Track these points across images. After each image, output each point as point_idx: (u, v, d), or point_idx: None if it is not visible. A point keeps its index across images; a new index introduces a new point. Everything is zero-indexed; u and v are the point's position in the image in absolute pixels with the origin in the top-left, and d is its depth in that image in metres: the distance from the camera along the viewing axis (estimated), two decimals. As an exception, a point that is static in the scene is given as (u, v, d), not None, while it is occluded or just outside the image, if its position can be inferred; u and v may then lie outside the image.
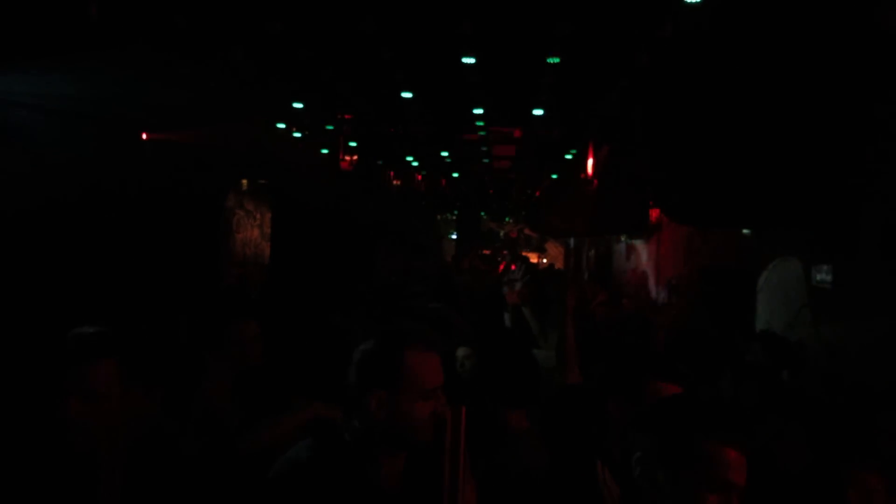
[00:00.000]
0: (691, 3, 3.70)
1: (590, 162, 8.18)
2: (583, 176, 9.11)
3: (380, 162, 12.57)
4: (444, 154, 9.95)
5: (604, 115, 6.68)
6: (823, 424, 3.14)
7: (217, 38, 4.95)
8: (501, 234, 29.70)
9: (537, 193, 14.78)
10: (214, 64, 5.32)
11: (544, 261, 24.28)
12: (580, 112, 6.82)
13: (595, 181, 8.68)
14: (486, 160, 11.61)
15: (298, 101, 7.13)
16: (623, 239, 11.19)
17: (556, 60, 4.97)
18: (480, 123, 7.86)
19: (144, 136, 8.02)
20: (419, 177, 14.56)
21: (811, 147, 4.54)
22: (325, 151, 10.46)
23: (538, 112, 6.62)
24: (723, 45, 4.34)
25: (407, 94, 6.23)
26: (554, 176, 11.27)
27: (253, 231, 12.08)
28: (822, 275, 4.82)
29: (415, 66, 5.59)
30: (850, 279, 4.51)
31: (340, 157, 11.70)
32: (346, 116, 8.18)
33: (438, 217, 24.87)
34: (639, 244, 9.92)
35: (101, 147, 7.40)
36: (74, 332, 2.08)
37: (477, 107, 6.78)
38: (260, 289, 9.06)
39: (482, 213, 25.33)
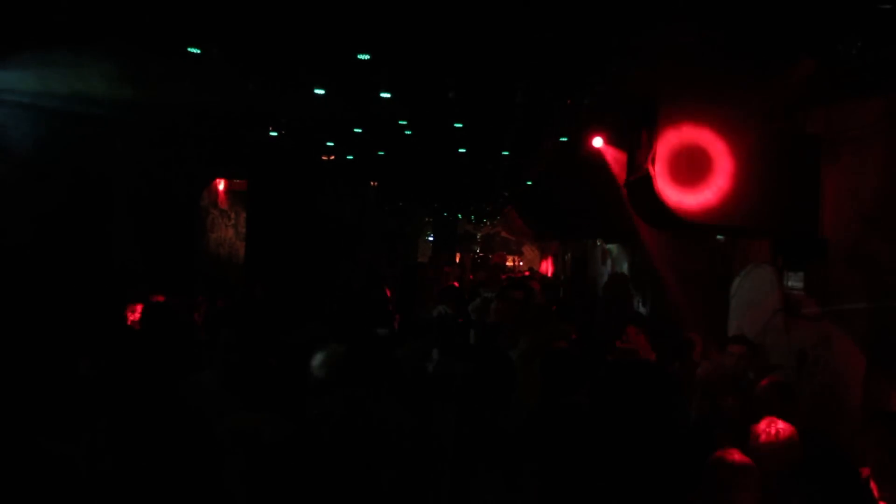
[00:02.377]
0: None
1: (567, 163, 8.23)
2: (560, 178, 9.16)
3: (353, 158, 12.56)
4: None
5: (579, 117, 6.73)
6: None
7: (192, 35, 4.91)
8: (479, 235, 29.80)
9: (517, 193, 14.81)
10: (189, 61, 5.27)
11: (521, 264, 24.40)
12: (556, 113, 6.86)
13: (573, 183, 8.74)
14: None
15: (273, 101, 7.10)
16: (598, 243, 11.27)
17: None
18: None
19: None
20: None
21: (779, 158, 4.64)
22: (302, 150, 10.42)
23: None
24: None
25: (385, 95, 6.23)
26: (529, 182, 11.32)
27: (227, 231, 12.00)
28: (794, 281, 4.90)
29: (395, 72, 5.60)
30: (821, 286, 4.59)
31: (318, 155, 11.65)
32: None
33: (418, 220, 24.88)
34: (613, 249, 9.99)
35: (71, 146, 7.32)
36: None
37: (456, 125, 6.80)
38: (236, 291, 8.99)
39: (459, 216, 25.34)
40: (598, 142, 7.06)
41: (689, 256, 7.01)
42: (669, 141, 4.91)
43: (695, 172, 4.77)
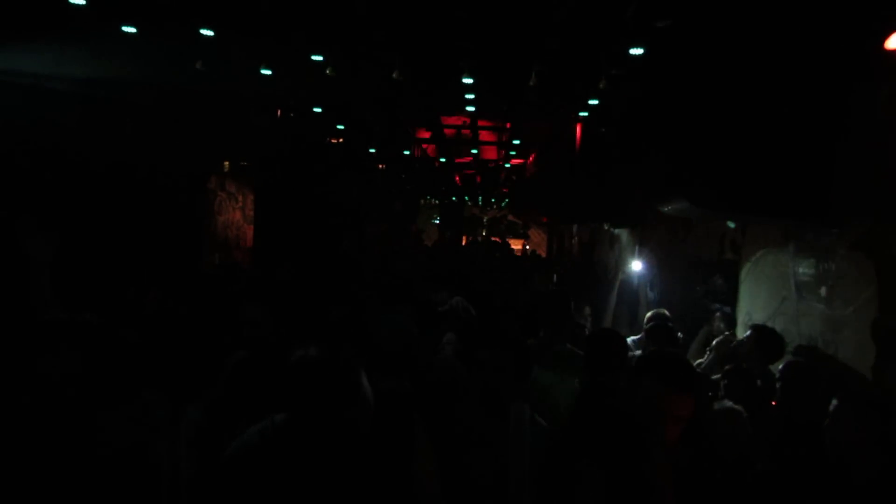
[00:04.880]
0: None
1: (576, 146, 8.22)
2: (569, 161, 9.15)
3: (370, 149, 12.55)
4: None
5: (593, 99, 6.71)
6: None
7: (204, 16, 4.92)
8: (485, 219, 29.78)
9: (524, 177, 14.78)
10: (201, 43, 5.28)
11: (527, 248, 24.40)
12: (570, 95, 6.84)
13: (581, 166, 8.72)
14: (473, 150, 11.62)
15: (283, 81, 7.09)
16: (607, 227, 11.24)
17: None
18: (470, 109, 7.83)
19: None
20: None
21: (793, 139, 4.61)
22: (311, 133, 10.43)
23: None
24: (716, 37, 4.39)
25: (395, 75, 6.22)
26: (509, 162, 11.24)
27: (235, 213, 12.02)
28: (805, 267, 4.90)
29: (406, 47, 5.58)
30: (832, 272, 4.59)
31: (328, 139, 11.67)
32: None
33: (422, 202, 24.86)
34: (623, 234, 9.97)
35: (82, 126, 7.34)
36: (45, 318, 2.12)
37: (467, 87, 6.72)
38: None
39: (466, 199, 25.32)
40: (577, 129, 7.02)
41: (697, 242, 7.01)
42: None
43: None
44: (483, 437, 2.61)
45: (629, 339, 5.18)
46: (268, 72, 6.14)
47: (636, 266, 8.76)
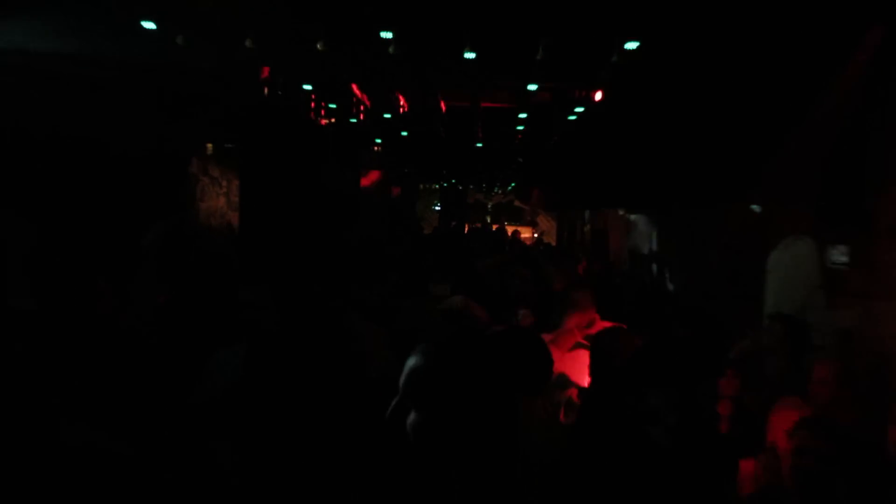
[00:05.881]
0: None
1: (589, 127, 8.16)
2: (582, 143, 9.09)
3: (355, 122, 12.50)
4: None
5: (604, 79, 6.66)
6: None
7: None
8: (489, 206, 29.73)
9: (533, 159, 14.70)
10: (179, 17, 5.23)
11: (535, 235, 24.36)
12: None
13: (594, 148, 8.68)
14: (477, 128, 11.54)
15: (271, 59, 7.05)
16: (622, 213, 11.21)
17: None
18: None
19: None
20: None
21: (823, 116, 4.58)
22: (300, 113, 10.36)
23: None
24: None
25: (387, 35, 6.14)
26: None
27: (219, 200, 11.97)
28: (837, 255, 4.87)
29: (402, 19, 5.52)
30: (867, 260, 4.55)
31: (317, 119, 11.60)
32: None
33: (421, 186, 24.82)
34: (640, 220, 9.94)
35: (60, 108, 7.31)
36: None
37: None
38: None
39: (469, 184, 25.25)
40: (598, 96, 6.98)
41: (721, 228, 6.98)
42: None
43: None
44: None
45: None
46: (253, 46, 6.09)
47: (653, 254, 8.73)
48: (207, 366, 3.39)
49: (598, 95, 7.08)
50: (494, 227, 21.08)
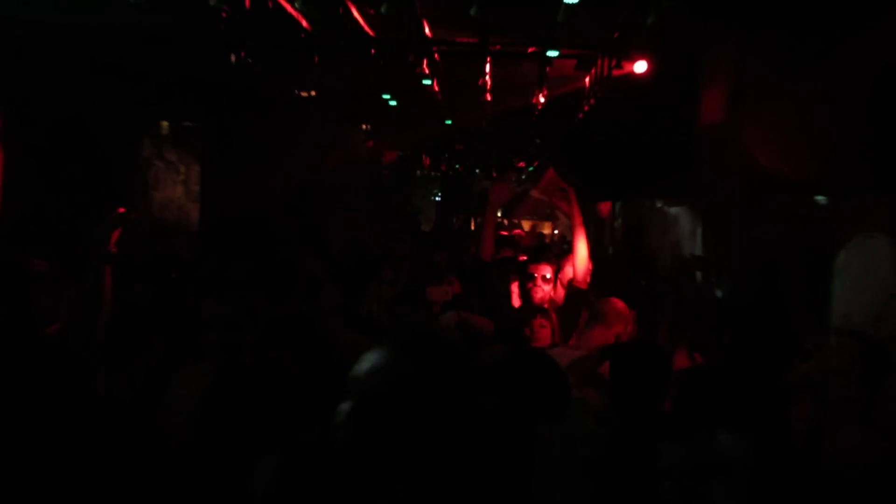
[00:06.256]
0: None
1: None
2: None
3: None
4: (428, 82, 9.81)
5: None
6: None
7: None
8: (501, 196, 29.62)
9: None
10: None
11: (556, 232, 24.31)
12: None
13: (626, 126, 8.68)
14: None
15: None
16: (660, 205, 11.17)
17: None
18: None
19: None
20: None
21: None
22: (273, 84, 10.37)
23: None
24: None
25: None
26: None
27: (175, 189, 11.98)
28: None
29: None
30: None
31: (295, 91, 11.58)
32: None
33: (418, 173, 24.80)
34: (680, 213, 9.91)
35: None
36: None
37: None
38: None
39: (476, 170, 25.22)
40: (641, 66, 6.94)
41: (779, 224, 6.97)
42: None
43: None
44: None
45: None
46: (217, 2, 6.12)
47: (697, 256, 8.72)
48: (166, 391, 3.46)
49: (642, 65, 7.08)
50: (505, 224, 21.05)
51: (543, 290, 6.53)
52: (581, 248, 6.49)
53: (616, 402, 3.58)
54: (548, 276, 6.63)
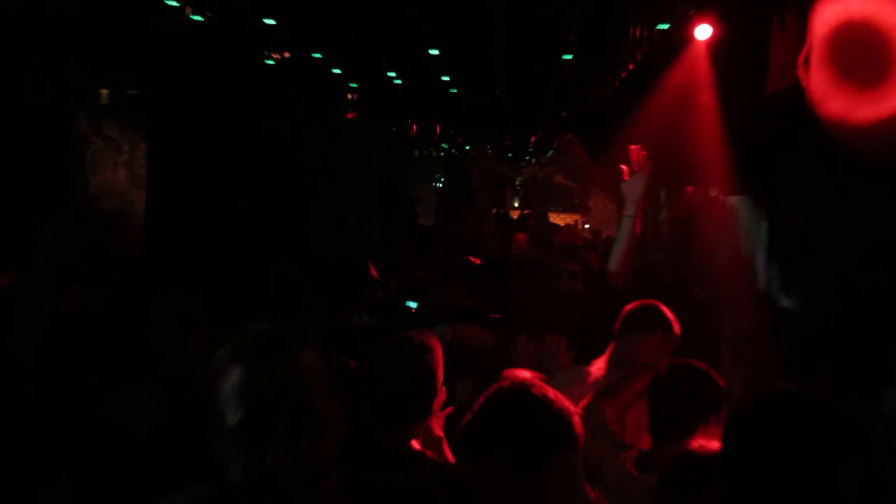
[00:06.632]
0: None
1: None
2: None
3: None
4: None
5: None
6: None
7: None
8: (518, 181, 29.71)
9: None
10: None
11: (587, 226, 24.30)
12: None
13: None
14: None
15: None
16: (715, 195, 11.17)
17: None
18: None
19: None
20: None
21: None
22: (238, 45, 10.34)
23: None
24: None
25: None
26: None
27: (117, 172, 11.92)
28: None
29: None
30: None
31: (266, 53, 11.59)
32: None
33: (417, 154, 24.88)
34: (743, 205, 9.87)
35: None
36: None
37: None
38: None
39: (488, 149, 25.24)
40: (704, 31, 7.02)
41: (865, 215, 6.90)
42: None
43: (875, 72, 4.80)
44: None
45: None
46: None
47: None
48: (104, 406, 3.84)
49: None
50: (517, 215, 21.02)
51: (570, 285, 6.59)
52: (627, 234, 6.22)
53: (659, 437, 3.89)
54: (575, 272, 6.71)
